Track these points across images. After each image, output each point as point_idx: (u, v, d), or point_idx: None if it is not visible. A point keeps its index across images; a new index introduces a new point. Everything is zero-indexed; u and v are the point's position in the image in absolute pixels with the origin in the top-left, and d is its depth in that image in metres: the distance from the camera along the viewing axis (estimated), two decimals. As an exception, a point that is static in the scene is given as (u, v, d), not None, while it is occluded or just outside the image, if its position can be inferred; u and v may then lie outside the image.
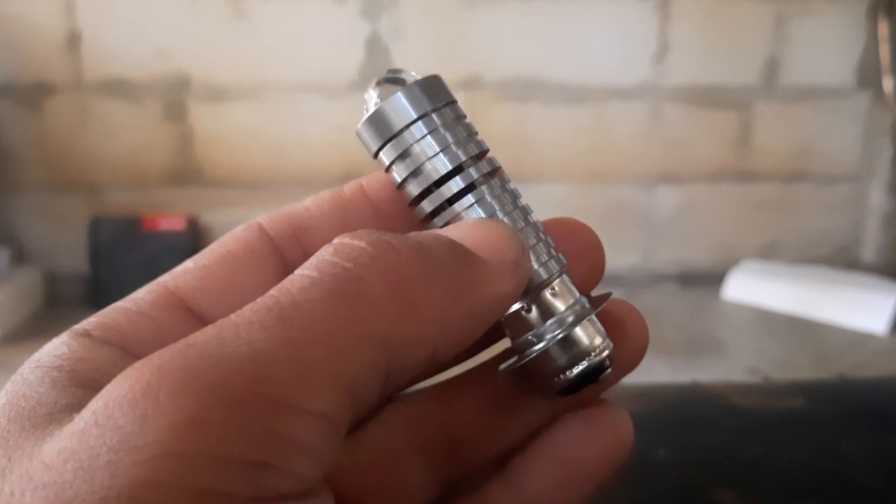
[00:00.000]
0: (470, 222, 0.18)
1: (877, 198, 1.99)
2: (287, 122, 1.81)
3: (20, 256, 1.81)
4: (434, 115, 0.18)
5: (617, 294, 0.20)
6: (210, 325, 0.14)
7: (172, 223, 1.78)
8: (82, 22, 1.70)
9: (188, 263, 0.19)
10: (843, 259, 2.02)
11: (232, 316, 0.14)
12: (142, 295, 0.18)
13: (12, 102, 1.74)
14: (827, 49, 1.90)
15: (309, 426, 0.13)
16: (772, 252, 2.00)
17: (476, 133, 0.19)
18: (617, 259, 1.95)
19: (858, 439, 0.32)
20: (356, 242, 0.15)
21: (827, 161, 1.98)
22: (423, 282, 0.15)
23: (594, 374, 0.18)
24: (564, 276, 0.19)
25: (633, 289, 1.92)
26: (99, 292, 1.77)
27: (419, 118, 0.18)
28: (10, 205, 1.80)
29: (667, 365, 1.49)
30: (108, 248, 1.77)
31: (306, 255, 0.18)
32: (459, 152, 0.18)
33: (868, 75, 1.91)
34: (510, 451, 0.20)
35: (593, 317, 0.19)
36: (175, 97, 1.76)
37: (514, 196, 0.19)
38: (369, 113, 0.19)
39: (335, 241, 0.16)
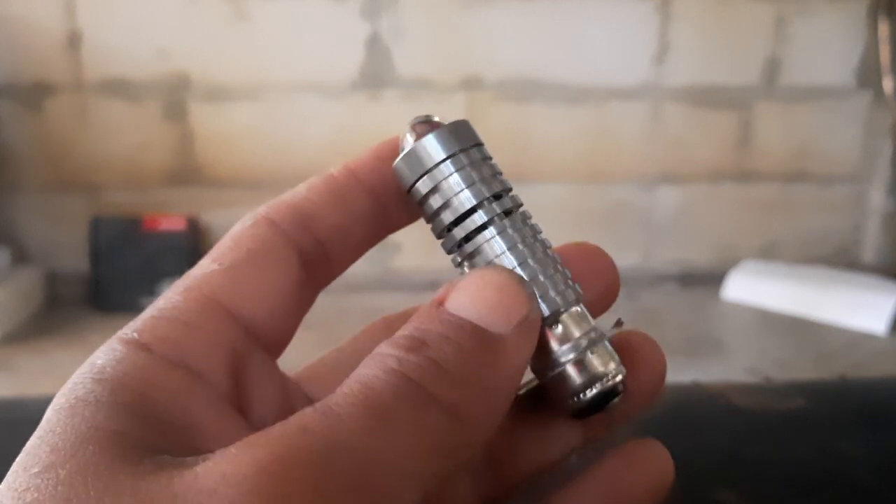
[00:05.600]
0: (475, 284, 0.18)
1: (877, 198, 1.99)
2: (287, 122, 1.81)
3: (20, 256, 1.81)
4: (462, 155, 0.20)
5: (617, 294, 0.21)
6: (314, 409, 0.15)
7: (172, 223, 1.78)
8: (82, 22, 1.70)
9: (213, 265, 0.19)
10: (843, 259, 2.02)
11: (333, 406, 0.15)
12: (180, 302, 0.18)
13: (12, 102, 1.74)
14: (827, 49, 1.90)
15: None
16: (772, 252, 2.00)
17: (500, 173, 0.21)
18: (617, 259, 1.92)
19: (858, 439, 0.32)
20: (415, 358, 0.16)
21: (827, 161, 1.98)
22: (469, 395, 0.17)
23: (608, 398, 0.20)
24: (580, 305, 0.20)
25: (633, 289, 1.92)
26: (99, 292, 1.76)
27: (448, 157, 0.20)
28: (10, 205, 1.80)
29: (667, 365, 1.49)
30: (108, 248, 1.77)
31: (318, 244, 0.20)
32: (483, 188, 0.20)
33: (868, 75, 1.91)
34: (545, 470, 0.21)
35: (607, 343, 0.20)
36: (175, 97, 1.76)
37: (535, 230, 0.21)
38: (405, 151, 0.20)
39: (402, 339, 0.17)
